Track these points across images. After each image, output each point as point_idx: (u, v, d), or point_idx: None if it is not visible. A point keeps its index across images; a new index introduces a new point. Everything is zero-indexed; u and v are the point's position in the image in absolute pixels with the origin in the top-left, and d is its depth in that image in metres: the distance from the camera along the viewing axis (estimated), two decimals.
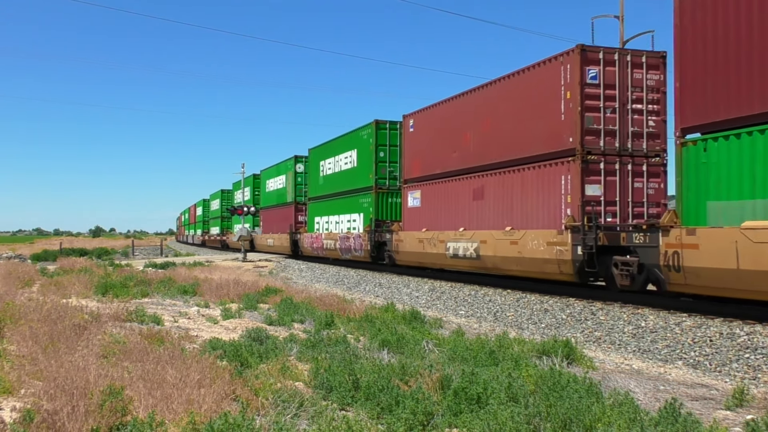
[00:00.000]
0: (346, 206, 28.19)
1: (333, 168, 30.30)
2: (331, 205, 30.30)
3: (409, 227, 22.45)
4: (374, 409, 5.38)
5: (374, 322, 10.77)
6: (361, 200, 26.51)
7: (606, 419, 4.84)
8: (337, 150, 29.82)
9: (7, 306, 9.37)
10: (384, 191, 25.36)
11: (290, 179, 37.53)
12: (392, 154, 25.30)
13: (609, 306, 13.15)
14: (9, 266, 24.01)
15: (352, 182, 27.53)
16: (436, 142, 20.91)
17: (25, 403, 5.02)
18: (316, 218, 32.53)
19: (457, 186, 19.38)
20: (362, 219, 26.27)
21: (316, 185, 32.69)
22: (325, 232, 30.61)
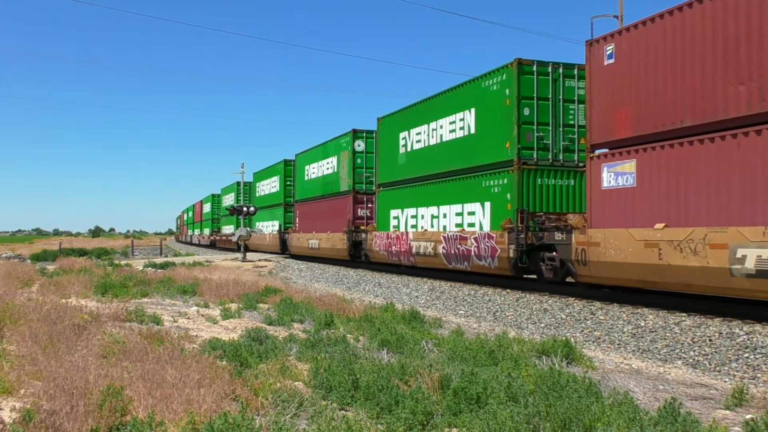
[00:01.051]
0: (455, 193, 19.15)
1: (425, 139, 21.29)
2: (422, 192, 21.30)
3: (610, 221, 13.11)
4: (374, 409, 5.38)
5: (374, 321, 10.77)
6: (486, 182, 17.51)
7: (605, 419, 4.85)
8: (435, 113, 20.64)
9: (6, 306, 9.37)
10: (531, 167, 16.31)
11: (345, 162, 28.22)
12: (542, 112, 16.51)
13: (608, 306, 13.16)
14: (8, 266, 24.00)
15: (466, 156, 18.59)
16: (682, 73, 11.73)
17: (25, 403, 5.02)
18: (392, 212, 23.34)
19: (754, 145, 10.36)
20: (488, 211, 17.44)
21: (392, 167, 23.65)
22: (414, 230, 21.53)
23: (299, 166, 35.90)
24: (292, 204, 37.59)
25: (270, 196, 42.97)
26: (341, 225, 28.17)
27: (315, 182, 32.74)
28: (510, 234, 16.07)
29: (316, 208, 32.31)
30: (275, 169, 41.84)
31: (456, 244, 18.70)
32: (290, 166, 38.47)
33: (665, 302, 12.56)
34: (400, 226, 22.80)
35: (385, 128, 24.79)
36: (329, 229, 29.81)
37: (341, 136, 29.16)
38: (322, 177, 31.51)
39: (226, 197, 60.93)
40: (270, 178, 43.30)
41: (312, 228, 32.56)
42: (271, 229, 41.37)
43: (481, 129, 17.91)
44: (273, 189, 42.12)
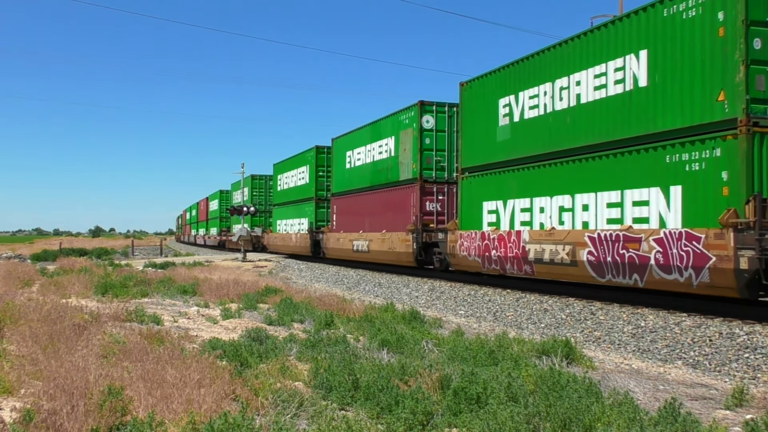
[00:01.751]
0: (606, 174, 13.51)
1: (547, 104, 15.17)
2: (542, 176, 15.30)
3: None
4: (374, 409, 5.39)
5: (374, 321, 10.78)
6: (674, 156, 11.84)
7: (605, 419, 4.85)
8: (562, 67, 14.81)
9: (6, 306, 9.37)
10: None
11: (408, 143, 22.49)
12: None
13: (608, 306, 13.16)
14: (9, 266, 24.01)
15: (630, 121, 12.87)
16: None
17: (25, 403, 5.03)
18: (487, 204, 17.36)
19: None
20: (677, 198, 11.72)
21: (486, 145, 17.47)
22: (528, 228, 15.55)
23: (338, 152, 29.54)
24: (326, 198, 32.02)
25: (296, 189, 36.56)
26: (402, 222, 22.22)
27: (361, 171, 26.56)
28: (741, 233, 10.34)
29: (362, 203, 26.15)
30: (304, 158, 35.11)
31: (616, 249, 12.80)
32: (324, 154, 32.79)
33: (665, 302, 12.56)
34: (501, 223, 16.66)
35: (474, 95, 18.20)
36: (384, 227, 23.65)
37: (402, 111, 23.09)
38: (372, 164, 25.33)
39: (237, 193, 54.74)
40: (296, 168, 36.75)
41: (356, 226, 26.34)
42: (297, 228, 35.18)
43: (661, 79, 12.15)
44: (301, 181, 35.71)
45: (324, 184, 32.73)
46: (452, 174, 21.28)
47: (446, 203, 21.45)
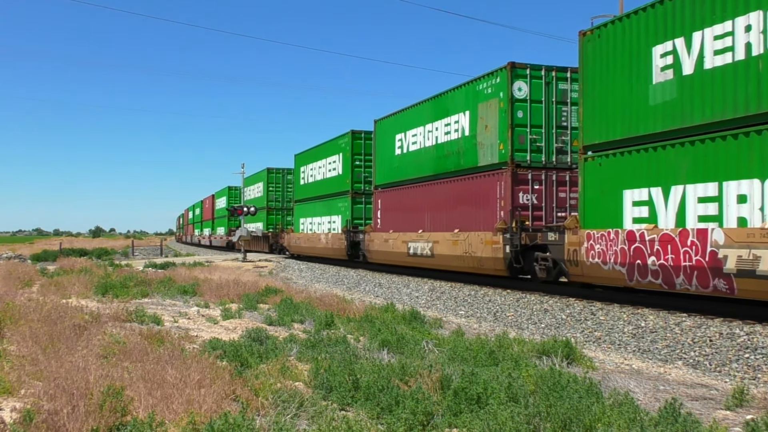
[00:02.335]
0: None
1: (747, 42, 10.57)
2: (736, 151, 10.78)
3: None
4: (374, 409, 5.39)
5: (374, 322, 10.77)
6: None
7: (606, 419, 4.85)
8: None
9: (7, 306, 9.37)
10: None
11: (490, 117, 17.57)
12: None
13: (609, 306, 13.16)
14: (9, 266, 24.02)
15: None
16: None
17: (25, 403, 5.03)
18: (630, 193, 12.81)
19: None
20: None
21: (637, 111, 12.79)
22: (724, 226, 10.76)
23: (383, 136, 24.75)
24: (363, 192, 27.67)
25: (326, 182, 31.45)
26: (484, 219, 17.41)
27: (418, 157, 21.51)
28: None
29: (420, 196, 21.23)
30: (335, 145, 30.20)
31: None
32: (360, 140, 28.05)
33: (666, 303, 12.56)
34: (659, 219, 12.05)
35: (608, 44, 13.57)
36: (456, 225, 18.73)
37: (482, 77, 18.14)
38: (435, 147, 20.36)
39: (250, 189, 49.34)
40: (325, 158, 31.57)
41: (412, 225, 21.43)
42: (327, 227, 30.36)
43: None
44: (331, 173, 30.66)
45: (361, 175, 27.83)
46: (551, 157, 17.03)
47: (544, 194, 16.85)
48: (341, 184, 29.18)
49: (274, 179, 44.07)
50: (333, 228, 29.75)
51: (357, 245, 26.94)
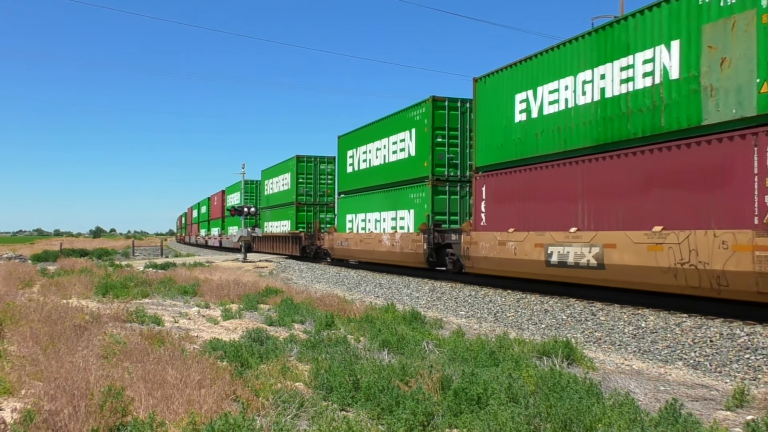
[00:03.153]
0: None
1: None
2: None
3: None
4: (374, 410, 5.39)
5: (374, 322, 10.77)
6: None
7: (606, 420, 4.85)
8: None
9: (7, 306, 9.38)
10: None
11: (732, 41, 10.77)
12: None
13: (609, 306, 13.16)
14: (9, 267, 24.03)
15: None
16: None
17: (26, 403, 5.03)
18: None
19: None
20: None
21: None
22: None
23: (488, 100, 17.83)
24: (449, 178, 20.93)
25: (388, 168, 24.43)
26: (724, 211, 10.93)
27: (561, 121, 14.90)
28: None
29: (565, 179, 14.67)
30: (404, 119, 23.17)
31: None
32: (444, 110, 21.01)
33: (666, 303, 12.56)
34: None
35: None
36: (654, 221, 12.24)
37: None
38: (598, 104, 13.80)
39: (272, 182, 42.81)
40: (387, 137, 24.63)
41: (552, 221, 14.90)
42: (392, 225, 23.60)
43: None
44: (398, 155, 23.55)
45: (444, 156, 20.97)
46: None
47: None
48: (415, 169, 21.93)
49: (306, 169, 36.61)
50: (402, 226, 22.72)
51: (442, 249, 20.37)
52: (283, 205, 39.14)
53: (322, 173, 37.02)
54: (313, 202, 36.76)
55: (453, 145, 21.23)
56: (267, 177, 44.08)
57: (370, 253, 25.42)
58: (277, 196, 40.88)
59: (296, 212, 36.40)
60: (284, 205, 38.75)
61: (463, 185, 21.11)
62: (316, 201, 36.85)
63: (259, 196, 49.38)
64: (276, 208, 41.09)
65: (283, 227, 38.73)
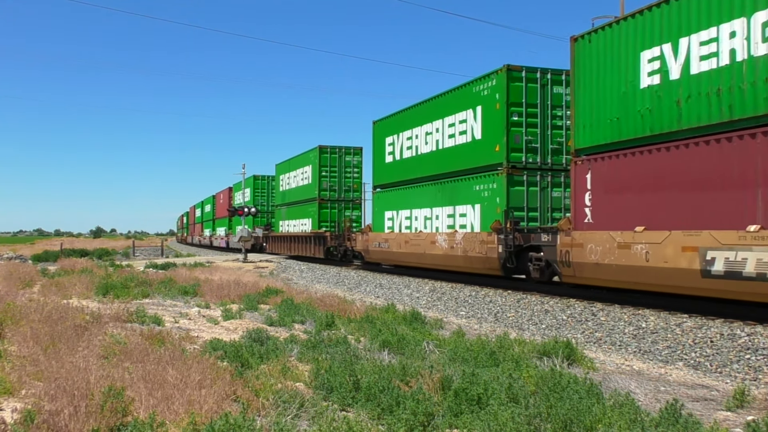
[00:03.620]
0: None
1: None
2: None
3: None
4: (375, 410, 5.38)
5: (375, 322, 10.77)
6: None
7: (607, 420, 4.84)
8: None
9: (8, 307, 9.39)
10: None
11: None
12: None
13: (609, 307, 13.15)
14: (10, 267, 24.04)
15: None
16: None
17: (26, 403, 5.03)
18: None
19: None
20: None
21: None
22: None
23: (593, 63, 14.17)
24: (527, 166, 17.32)
25: (433, 156, 21.08)
26: None
27: (726, 79, 10.99)
28: None
29: (733, 158, 10.82)
30: (464, 96, 19.35)
31: None
32: (520, 81, 17.43)
33: (667, 303, 12.55)
34: None
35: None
36: None
37: None
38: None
39: (286, 177, 38.51)
40: (440, 119, 20.74)
41: (695, 219, 11.38)
42: (449, 223, 19.78)
43: None
44: (455, 140, 19.84)
45: (521, 138, 17.20)
46: None
47: None
48: (482, 155, 18.32)
49: (329, 161, 32.62)
50: (464, 224, 18.90)
51: (524, 253, 16.63)
52: (302, 201, 35.07)
53: (347, 165, 32.80)
54: (337, 198, 32.85)
55: (532, 125, 17.49)
56: (282, 171, 39.90)
57: (418, 256, 21.19)
58: (296, 192, 36.63)
59: (319, 209, 32.51)
60: (304, 201, 34.62)
61: (545, 174, 17.61)
62: (341, 197, 32.96)
63: (271, 192, 45.89)
64: (294, 206, 36.73)
65: (302, 226, 34.85)
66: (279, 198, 41.40)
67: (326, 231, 31.79)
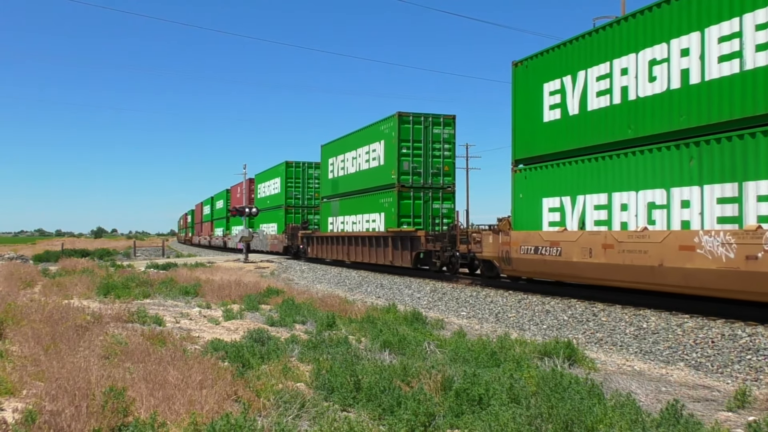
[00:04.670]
0: None
1: None
2: None
3: None
4: (376, 410, 5.38)
5: (376, 323, 10.77)
6: None
7: (608, 420, 4.84)
8: None
9: (9, 307, 9.39)
10: None
11: None
12: None
13: (611, 307, 13.14)
14: (11, 267, 24.06)
15: None
16: None
17: (27, 403, 5.03)
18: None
19: None
20: None
21: None
22: None
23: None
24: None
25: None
26: None
27: None
28: None
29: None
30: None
31: None
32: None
33: (667, 304, 12.54)
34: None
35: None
36: None
37: None
38: None
39: (344, 159, 29.37)
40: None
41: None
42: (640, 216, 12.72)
43: None
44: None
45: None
46: None
47: None
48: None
49: (411, 134, 23.62)
50: None
51: None
52: (370, 190, 26.02)
53: (435, 140, 23.96)
54: (423, 185, 23.88)
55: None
56: (333, 153, 30.65)
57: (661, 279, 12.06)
58: (358, 178, 27.50)
59: (398, 200, 23.45)
60: (373, 190, 25.70)
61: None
62: (427, 183, 23.94)
63: (308, 183, 36.93)
64: (354, 197, 27.81)
65: (369, 223, 26.17)
66: (327, 188, 31.56)
67: (419, 231, 22.84)
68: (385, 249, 24.77)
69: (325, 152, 32.04)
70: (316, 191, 30.50)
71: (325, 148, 32.03)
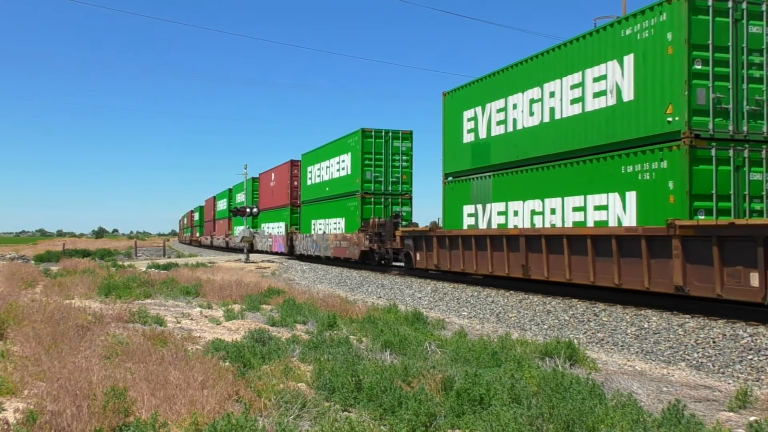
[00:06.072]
0: None
1: None
2: None
3: None
4: (377, 410, 5.38)
5: (377, 323, 10.77)
6: None
7: (609, 420, 4.84)
8: None
9: (10, 307, 9.40)
10: None
11: None
12: None
13: (612, 307, 13.14)
14: (12, 267, 24.08)
15: None
16: None
17: (29, 404, 5.03)
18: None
19: None
20: None
21: None
22: None
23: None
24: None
25: None
26: None
27: None
28: None
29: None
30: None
31: None
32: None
33: (668, 304, 12.54)
34: None
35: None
36: None
37: None
38: None
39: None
40: None
41: None
42: None
43: None
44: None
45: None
46: None
47: None
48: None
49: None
50: None
51: None
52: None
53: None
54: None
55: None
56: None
57: None
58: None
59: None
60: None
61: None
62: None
63: (392, 159, 27.08)
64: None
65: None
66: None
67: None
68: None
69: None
70: (404, 172, 24.66)
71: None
